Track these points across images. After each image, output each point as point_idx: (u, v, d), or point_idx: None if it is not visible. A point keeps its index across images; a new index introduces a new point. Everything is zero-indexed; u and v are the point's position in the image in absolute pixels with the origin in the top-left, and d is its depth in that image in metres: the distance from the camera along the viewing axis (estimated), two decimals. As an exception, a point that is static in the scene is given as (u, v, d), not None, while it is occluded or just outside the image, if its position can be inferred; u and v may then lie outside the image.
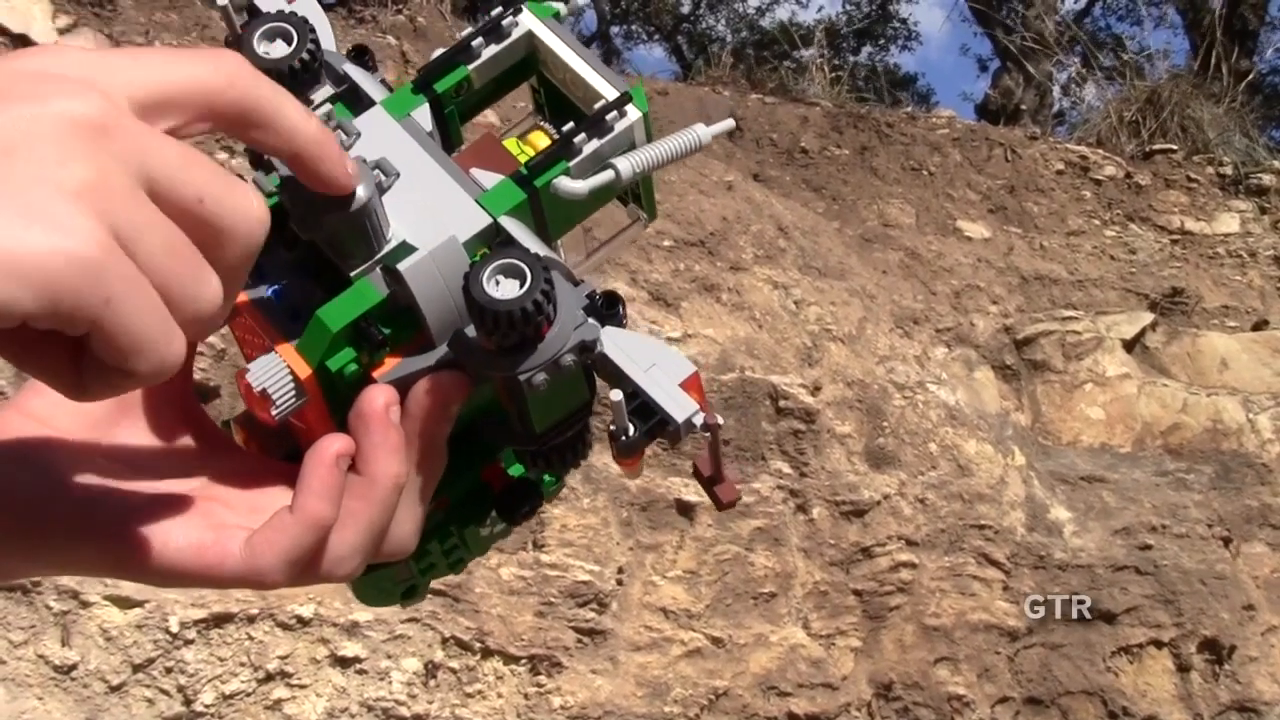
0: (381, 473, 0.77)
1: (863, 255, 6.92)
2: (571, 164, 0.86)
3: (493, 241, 0.83)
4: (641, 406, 0.79)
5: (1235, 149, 8.88)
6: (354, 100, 0.87)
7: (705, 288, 5.73)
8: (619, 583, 4.94)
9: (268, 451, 0.89)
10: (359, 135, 0.83)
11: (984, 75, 23.25)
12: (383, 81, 0.91)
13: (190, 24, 5.69)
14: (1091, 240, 7.86)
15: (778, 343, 5.70)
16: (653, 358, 0.80)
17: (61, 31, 5.14)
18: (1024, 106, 12.85)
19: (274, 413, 0.78)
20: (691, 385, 0.80)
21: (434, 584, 1.01)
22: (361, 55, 0.91)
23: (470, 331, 0.77)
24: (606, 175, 0.86)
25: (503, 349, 0.76)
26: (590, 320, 0.78)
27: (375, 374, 0.81)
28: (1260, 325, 7.41)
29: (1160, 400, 6.77)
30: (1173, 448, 6.66)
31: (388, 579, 0.93)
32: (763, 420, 5.46)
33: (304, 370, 0.78)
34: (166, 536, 0.74)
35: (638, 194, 0.97)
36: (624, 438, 0.79)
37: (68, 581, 3.99)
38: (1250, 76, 11.01)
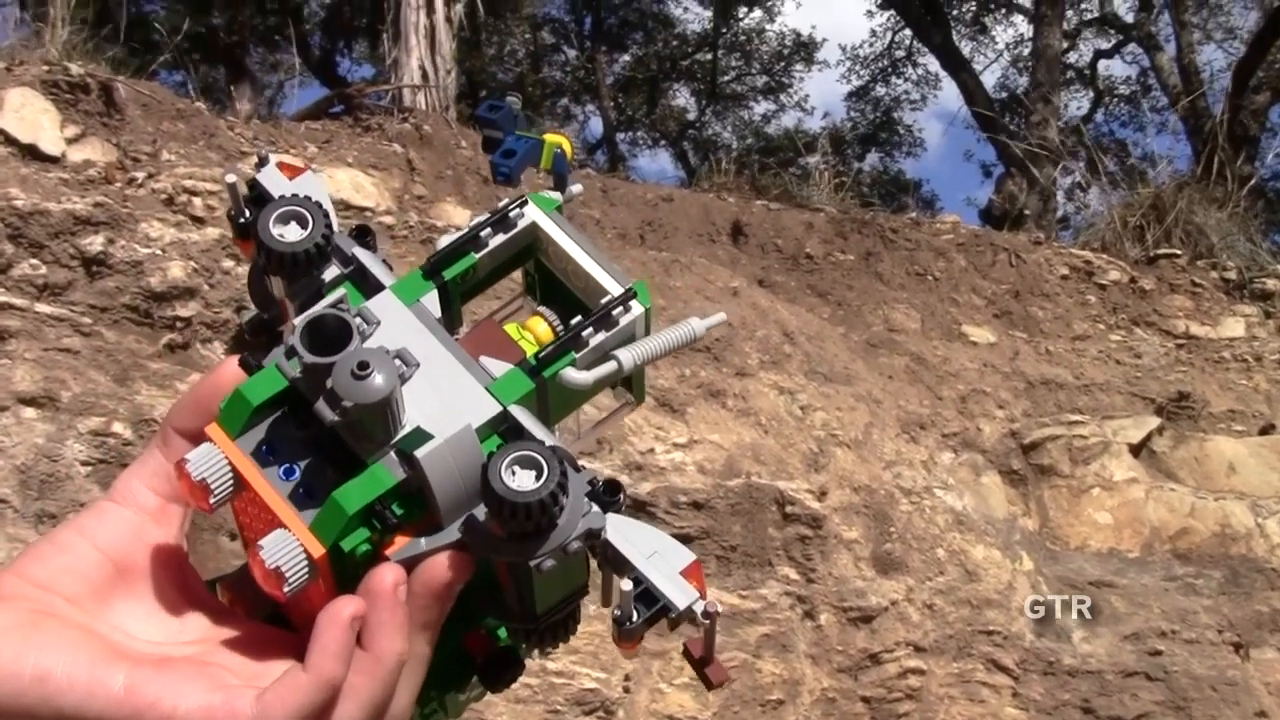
0: (387, 649, 0.79)
1: (868, 360, 6.93)
2: (578, 356, 0.90)
3: (500, 428, 0.86)
4: (645, 593, 0.82)
5: (1239, 253, 8.90)
6: (361, 281, 0.90)
7: (711, 394, 5.74)
8: (626, 690, 4.91)
9: (250, 612, 0.89)
10: (379, 324, 0.86)
11: (987, 181, 23.46)
12: (384, 261, 0.94)
13: (198, 133, 5.75)
14: (1097, 345, 7.87)
15: (784, 448, 5.70)
16: (654, 545, 0.83)
17: (70, 141, 5.19)
18: (1028, 211, 12.91)
19: (285, 590, 0.79)
20: (692, 573, 0.83)
21: None
22: (364, 236, 0.94)
23: (482, 517, 0.80)
24: (610, 367, 0.91)
25: (513, 535, 0.78)
26: (596, 509, 0.81)
27: (387, 552, 0.82)
28: (1267, 429, 7.40)
29: (1168, 504, 6.74)
30: (1181, 552, 6.62)
31: None
32: (769, 526, 5.44)
33: (317, 550, 0.80)
34: (176, 700, 0.74)
35: (629, 380, 0.99)
36: (627, 624, 0.82)
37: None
38: (1253, 181, 11.05)
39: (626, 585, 0.80)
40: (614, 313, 0.91)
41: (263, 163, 0.93)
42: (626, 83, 25.16)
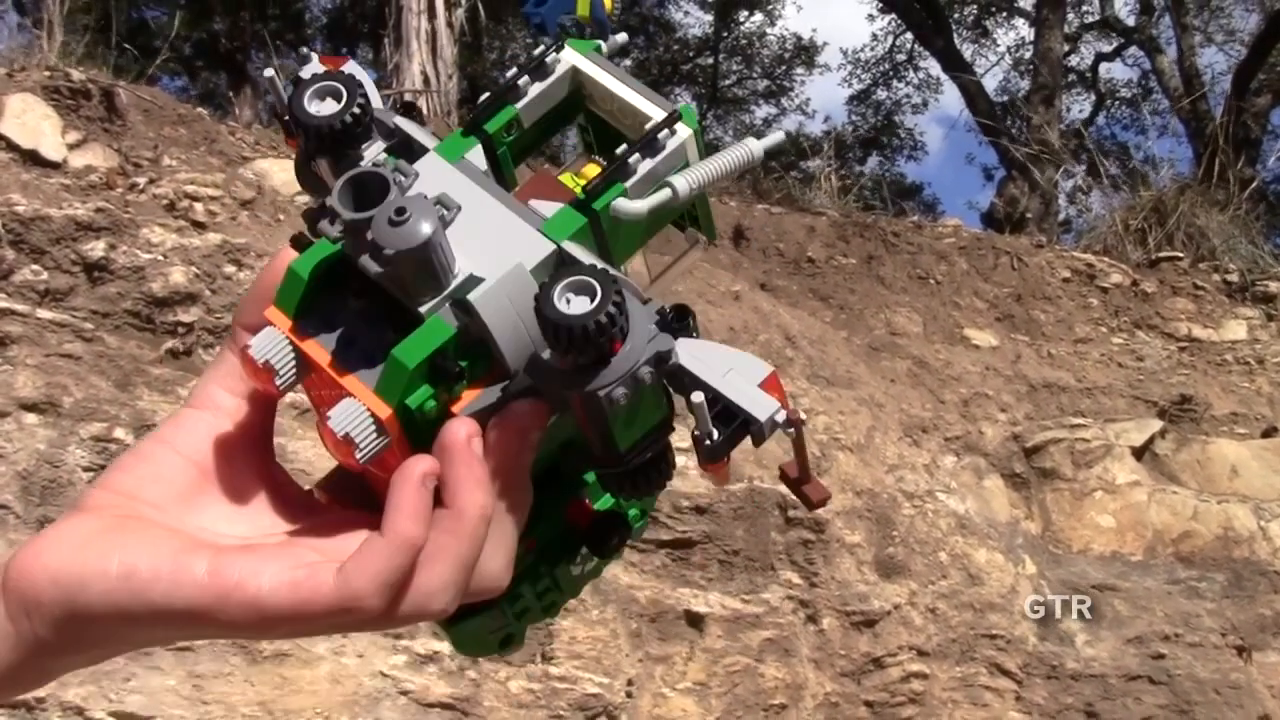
0: (468, 504, 0.77)
1: (870, 364, 6.93)
2: (628, 185, 0.86)
3: (557, 267, 0.83)
4: (724, 411, 0.79)
5: (1241, 256, 8.91)
6: (406, 151, 0.88)
7: (713, 397, 5.74)
8: (628, 695, 4.91)
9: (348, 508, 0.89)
10: (417, 175, 0.84)
11: (989, 184, 23.46)
12: (432, 134, 0.92)
13: (199, 138, 5.75)
14: (1099, 348, 7.87)
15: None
16: (729, 363, 0.80)
17: (71, 146, 5.20)
18: (1029, 215, 12.92)
19: (359, 456, 0.78)
20: (771, 385, 0.80)
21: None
22: (410, 110, 0.92)
23: (546, 355, 0.77)
24: (664, 194, 0.86)
25: (579, 367, 0.76)
26: (662, 333, 0.78)
27: (454, 408, 0.80)
28: (1270, 432, 7.39)
29: (1171, 508, 6.74)
30: (1184, 555, 6.62)
31: (484, 626, 0.93)
32: (772, 530, 5.44)
33: (384, 410, 0.78)
34: (259, 578, 0.74)
35: (694, 216, 0.97)
36: (708, 442, 0.79)
37: (72, 697, 3.97)
38: (1254, 184, 11.06)
39: (698, 398, 0.77)
40: (659, 137, 0.87)
41: (304, 60, 0.91)
42: (627, 87, 25.16)
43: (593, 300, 0.74)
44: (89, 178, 5.11)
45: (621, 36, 1.00)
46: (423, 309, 0.80)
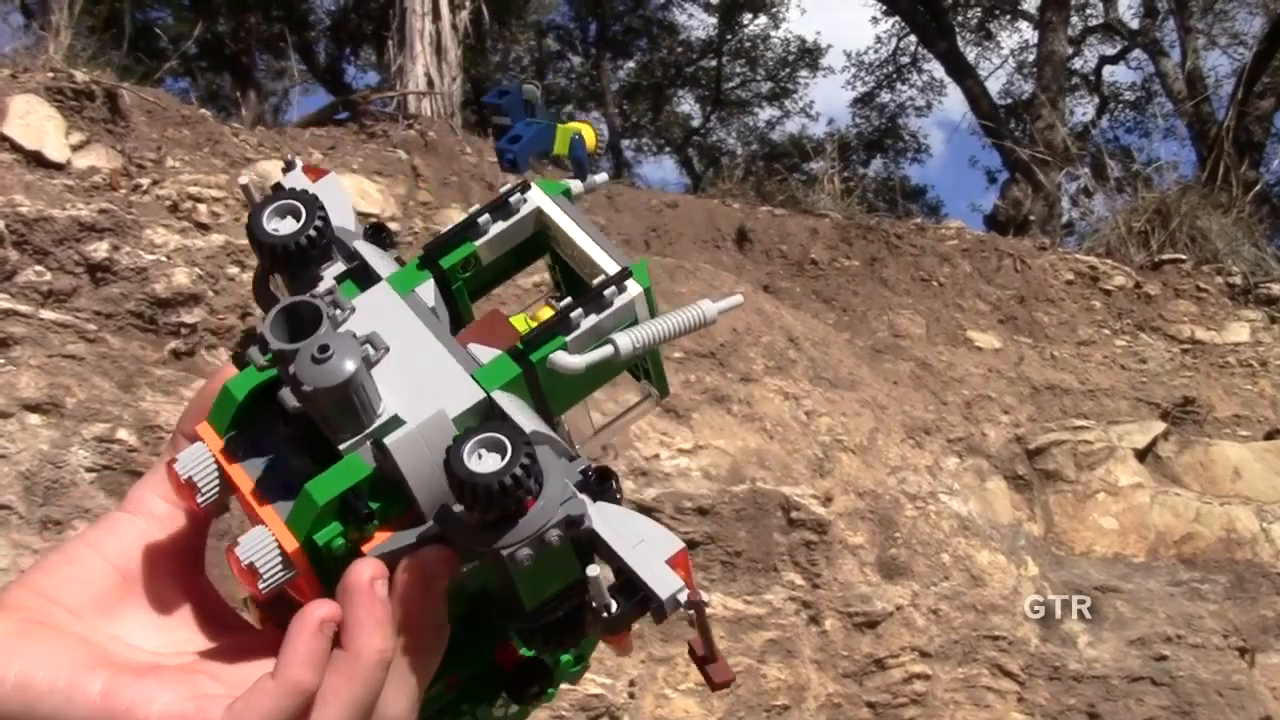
0: (365, 647, 0.76)
1: (873, 366, 6.93)
2: (569, 339, 0.85)
3: (484, 418, 0.82)
4: (628, 583, 0.77)
5: (1244, 258, 8.91)
6: (363, 277, 0.88)
7: (716, 399, 5.74)
8: (631, 696, 4.91)
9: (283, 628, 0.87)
10: (353, 310, 0.83)
11: (992, 187, 23.45)
12: (397, 259, 0.92)
13: (202, 139, 5.76)
14: (1102, 350, 7.87)
15: (789, 454, 5.70)
16: (641, 534, 0.79)
17: (75, 148, 5.20)
18: (1033, 217, 12.91)
19: (261, 587, 0.77)
20: (678, 563, 0.78)
21: None
22: (378, 233, 0.92)
23: (456, 508, 0.77)
24: (605, 351, 0.85)
25: (486, 523, 0.75)
26: (578, 495, 0.77)
27: (365, 548, 0.79)
28: (1273, 434, 7.39)
29: (1173, 510, 6.74)
30: (1186, 557, 6.62)
31: None
32: (775, 531, 5.45)
33: (291, 544, 0.78)
34: (150, 705, 0.73)
35: (649, 371, 0.96)
36: (605, 615, 0.77)
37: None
38: (1258, 187, 11.07)
39: (594, 572, 0.76)
40: (606, 293, 0.86)
41: (289, 167, 0.91)
42: (631, 89, 25.19)
43: (503, 459, 0.74)
44: (92, 179, 5.12)
45: (601, 177, 1.00)
46: (342, 446, 0.79)
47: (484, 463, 0.74)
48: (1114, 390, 7.44)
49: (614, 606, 0.77)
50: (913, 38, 21.74)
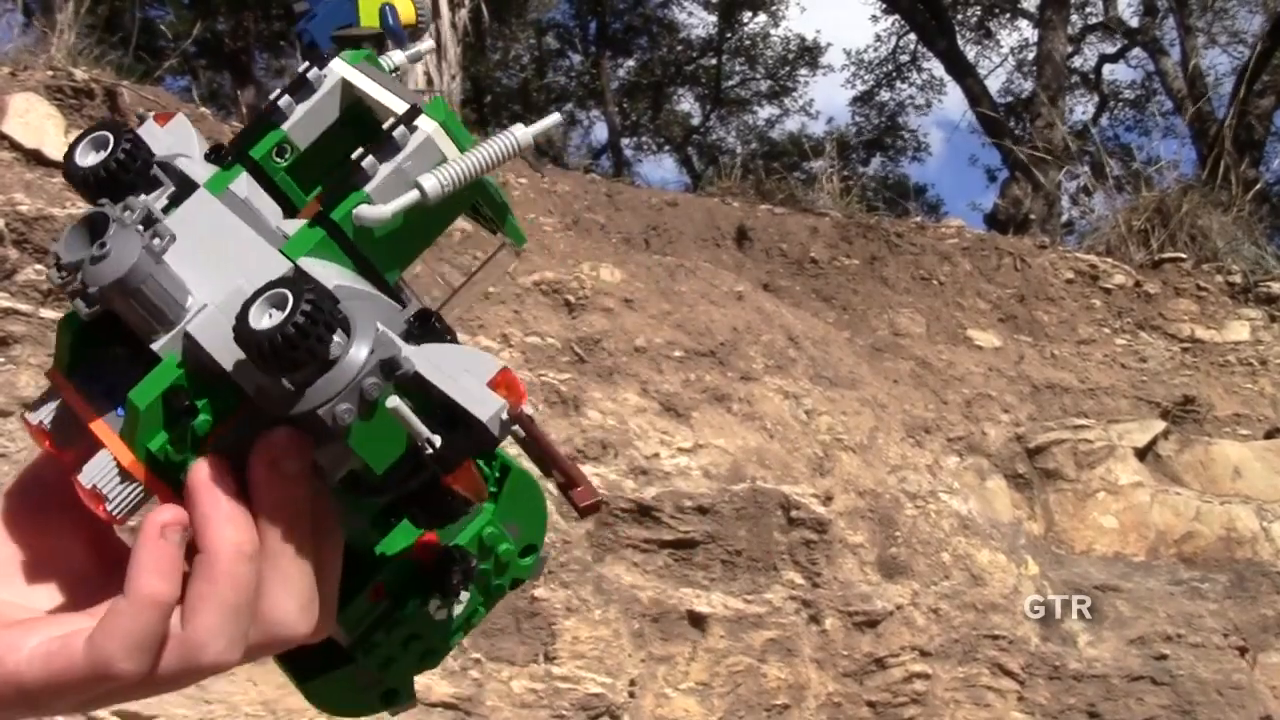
0: (217, 543, 0.72)
1: (873, 365, 6.93)
2: (369, 189, 0.79)
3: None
4: (449, 415, 0.71)
5: (1244, 257, 8.90)
6: (184, 194, 0.83)
7: (716, 398, 5.74)
8: (631, 695, 4.91)
9: None
10: (173, 239, 0.78)
11: (992, 185, 23.47)
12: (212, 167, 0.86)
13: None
14: (1102, 349, 7.86)
15: (789, 453, 5.70)
16: (464, 364, 0.73)
17: (77, 147, 5.20)
18: (1033, 216, 12.92)
19: (110, 509, 0.74)
20: (500, 382, 0.73)
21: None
22: (217, 151, 0.87)
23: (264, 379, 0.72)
24: (412, 195, 0.78)
25: (296, 386, 0.70)
26: (393, 339, 0.72)
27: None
28: (1273, 433, 7.39)
29: (1173, 508, 6.74)
30: (1187, 556, 6.62)
31: (345, 683, 0.88)
32: (774, 530, 5.44)
33: (126, 457, 0.74)
34: (18, 652, 0.72)
35: (490, 218, 0.88)
36: (429, 450, 0.71)
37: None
38: (1258, 185, 11.07)
39: (392, 401, 0.70)
40: (396, 134, 0.79)
41: (140, 122, 0.87)
42: (631, 88, 25.20)
43: (284, 310, 0.70)
44: (92, 177, 5.12)
45: (426, 44, 0.95)
46: (155, 346, 0.75)
47: (270, 320, 0.70)
48: (1114, 389, 7.44)
49: (437, 441, 0.71)
50: (912, 36, 21.76)
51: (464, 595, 0.89)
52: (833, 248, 8.07)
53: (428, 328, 0.77)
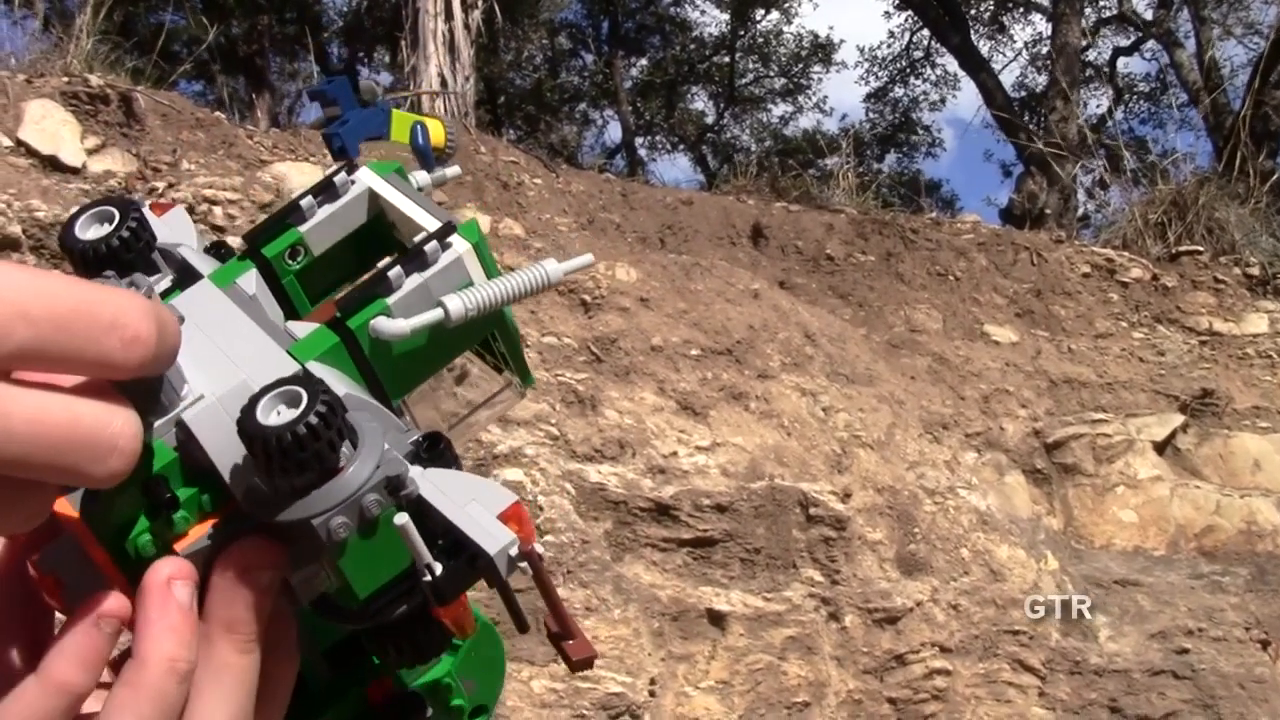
0: (151, 652, 0.66)
1: (890, 361, 6.92)
2: (391, 302, 0.77)
3: None
4: (454, 544, 0.67)
5: (1262, 249, 8.87)
6: (186, 282, 0.80)
7: (733, 396, 5.74)
8: (651, 694, 4.91)
9: None
10: (180, 320, 0.71)
11: (1007, 181, 23.45)
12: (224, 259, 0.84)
13: (217, 142, 5.76)
14: (1119, 343, 7.84)
15: (807, 450, 5.70)
16: (473, 493, 0.69)
17: (90, 151, 5.21)
18: (1048, 210, 12.89)
19: (67, 599, 0.69)
20: (511, 516, 0.68)
21: None
22: (218, 249, 0.85)
23: (260, 481, 0.68)
24: (435, 314, 0.77)
25: (294, 491, 0.66)
26: (398, 456, 0.68)
27: (177, 546, 0.69)
28: (1292, 425, 7.38)
29: (1193, 502, 6.72)
30: (1207, 550, 6.60)
31: None
32: (793, 528, 5.44)
33: (93, 545, 0.69)
34: None
35: (504, 356, 0.86)
36: (428, 577, 0.67)
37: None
38: (1275, 177, 11.00)
39: (402, 519, 0.65)
40: (428, 249, 0.77)
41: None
42: (644, 87, 25.20)
43: (296, 408, 0.65)
44: (108, 182, 5.13)
45: (453, 170, 0.93)
46: (148, 437, 0.69)
47: (279, 417, 0.65)
48: (1132, 383, 7.42)
49: (438, 569, 0.67)
50: (926, 32, 21.73)
51: None
52: (848, 244, 8.07)
53: (436, 452, 0.72)
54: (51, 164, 5.08)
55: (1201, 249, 8.76)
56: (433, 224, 0.80)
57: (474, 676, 0.88)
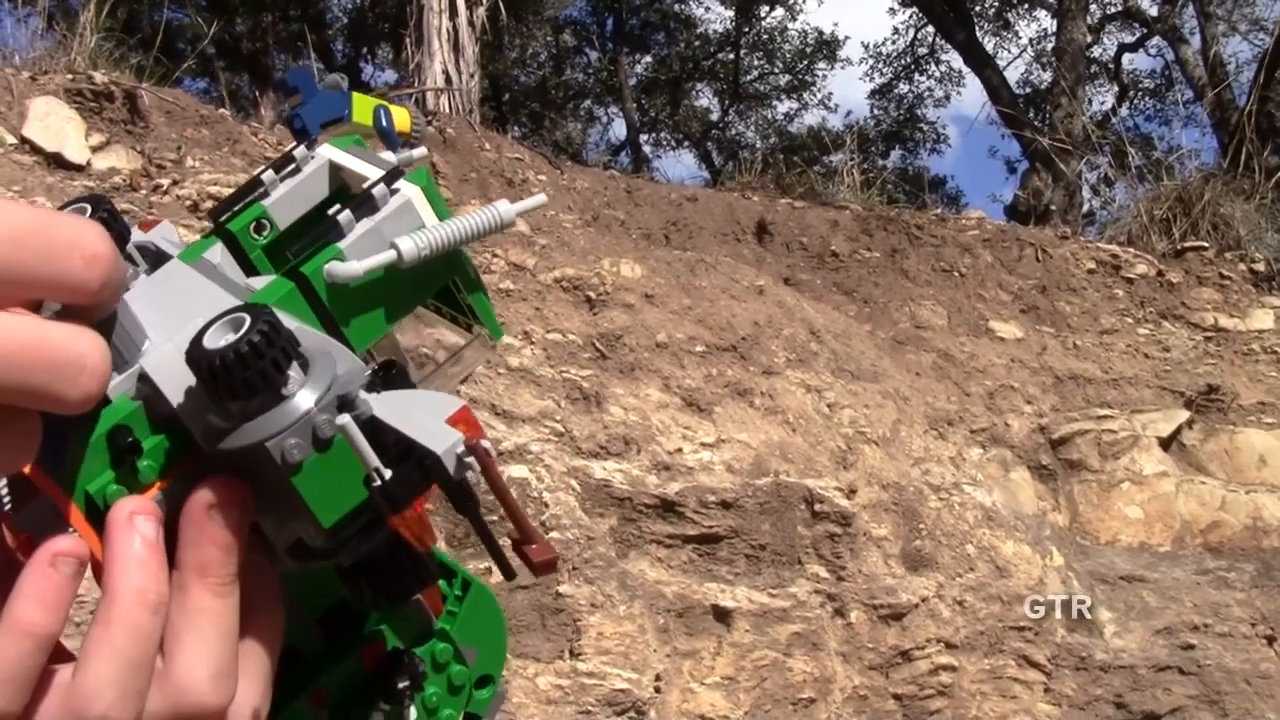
0: (118, 585, 0.66)
1: (895, 357, 6.92)
2: (343, 246, 0.77)
3: None
4: (403, 451, 0.66)
5: (1267, 245, 8.86)
6: (159, 268, 0.80)
7: (738, 392, 5.74)
8: (657, 690, 4.91)
9: None
10: (137, 273, 0.77)
11: (1012, 177, 23.45)
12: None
13: (222, 139, 5.76)
14: (1125, 339, 7.84)
15: (812, 446, 5.69)
16: (421, 405, 0.69)
17: (94, 149, 5.21)
18: (1053, 206, 12.89)
19: None
20: (459, 419, 0.67)
21: None
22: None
23: (213, 416, 0.67)
24: (387, 255, 0.76)
25: (245, 415, 0.66)
26: (351, 378, 0.68)
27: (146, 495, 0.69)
28: (1298, 421, 7.37)
29: (1199, 498, 6.72)
30: (1213, 545, 6.60)
31: None
32: (799, 524, 5.44)
33: (62, 499, 0.68)
34: None
35: (469, 306, 0.85)
36: (377, 482, 0.65)
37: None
38: (1280, 173, 11.01)
39: (343, 419, 0.65)
40: (377, 193, 0.78)
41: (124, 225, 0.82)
42: (649, 84, 25.23)
43: (239, 331, 0.65)
44: (113, 180, 5.13)
45: (419, 151, 0.93)
46: (109, 387, 0.70)
47: (225, 341, 0.65)
48: (1137, 379, 7.42)
49: (388, 474, 0.66)
50: (931, 28, 21.73)
51: (412, 712, 0.83)
52: (853, 241, 8.06)
53: (390, 377, 0.74)
54: (56, 161, 5.08)
55: (1207, 245, 8.76)
56: (379, 173, 0.80)
57: (476, 644, 0.87)
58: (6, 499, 0.73)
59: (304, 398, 0.66)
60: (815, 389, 6.02)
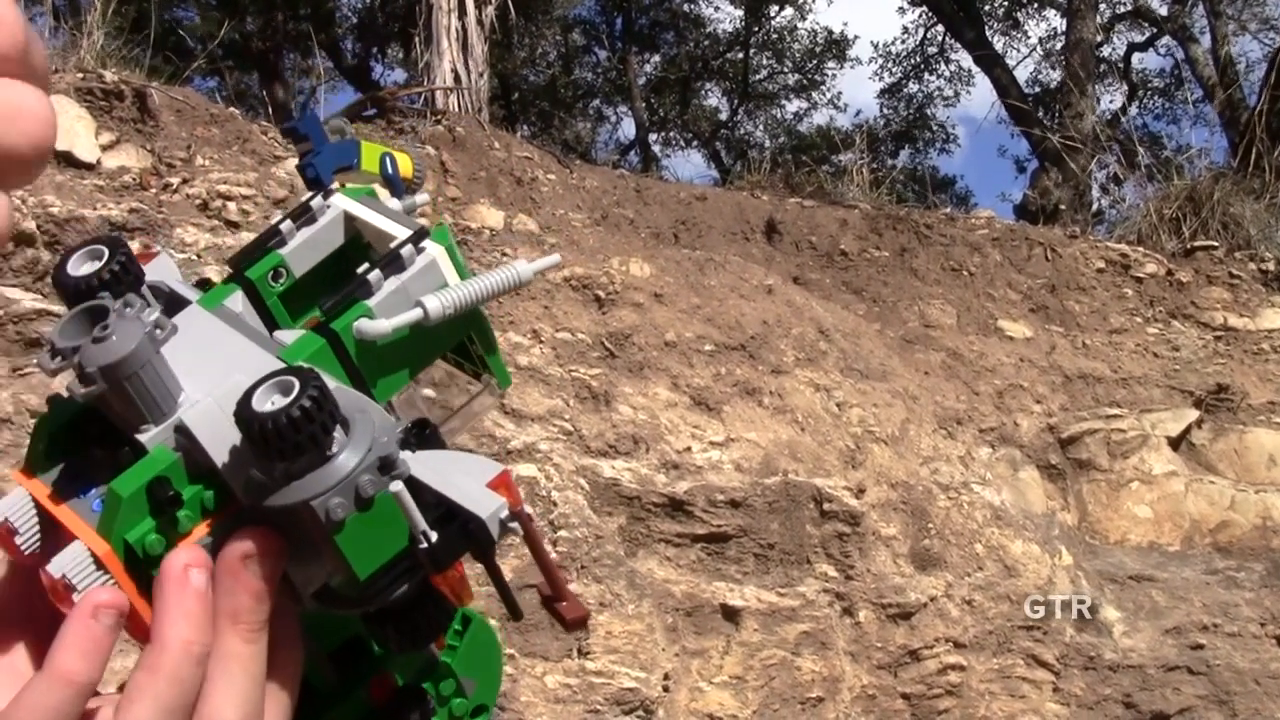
0: (167, 636, 0.69)
1: (904, 356, 6.91)
2: (372, 304, 0.81)
3: None
4: (446, 513, 0.71)
5: (1277, 244, 8.85)
6: (175, 311, 0.84)
7: (747, 391, 5.73)
8: (665, 689, 4.91)
9: None
10: (174, 329, 0.78)
11: (1021, 177, 23.42)
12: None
13: (231, 138, 5.77)
14: (1134, 338, 7.83)
15: (820, 445, 5.69)
16: (462, 467, 0.73)
17: (104, 148, 5.22)
18: (1063, 206, 12.86)
19: (77, 599, 0.70)
20: (499, 484, 0.72)
21: None
22: (204, 286, 0.90)
23: (258, 472, 0.70)
24: (414, 313, 0.81)
25: (289, 475, 0.69)
26: (390, 439, 0.71)
27: (184, 543, 0.72)
28: (1308, 421, 7.35)
29: (1208, 498, 6.71)
30: (1222, 545, 6.59)
31: None
32: (807, 523, 5.43)
33: (101, 546, 0.71)
34: None
35: (480, 357, 0.89)
36: (424, 544, 0.70)
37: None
38: (1290, 172, 10.99)
39: (396, 486, 0.70)
40: (404, 253, 0.82)
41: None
42: (658, 83, 25.21)
43: (287, 395, 0.68)
44: (123, 178, 5.13)
45: (422, 198, 0.95)
46: (144, 438, 0.74)
47: (274, 404, 0.68)
48: (1147, 378, 7.41)
49: (434, 536, 0.71)
50: (940, 28, 21.70)
51: None
52: (862, 240, 8.06)
53: (424, 436, 0.77)
54: (66, 160, 5.08)
55: (1216, 244, 8.74)
56: (405, 233, 0.84)
57: (474, 676, 0.90)
58: (34, 542, 0.75)
59: (347, 459, 0.69)
60: (824, 388, 6.01)
